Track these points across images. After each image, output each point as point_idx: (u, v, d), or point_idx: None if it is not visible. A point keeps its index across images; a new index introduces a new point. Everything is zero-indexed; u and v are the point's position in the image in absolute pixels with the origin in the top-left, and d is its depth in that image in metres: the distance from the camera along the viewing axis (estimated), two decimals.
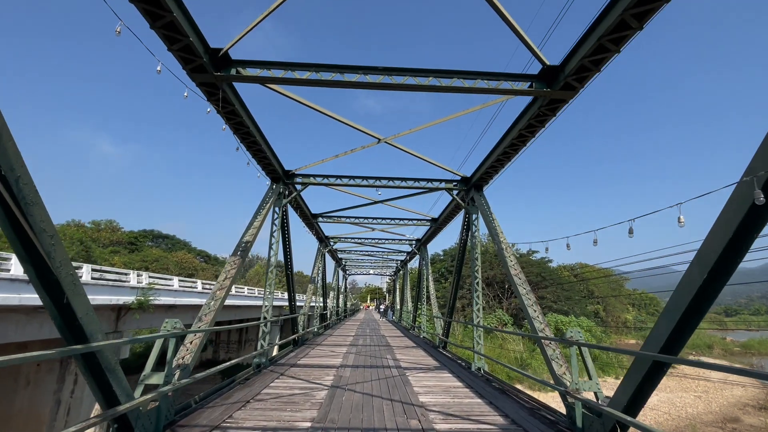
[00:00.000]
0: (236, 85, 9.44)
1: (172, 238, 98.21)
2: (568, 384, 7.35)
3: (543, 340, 8.49)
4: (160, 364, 6.60)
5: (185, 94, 7.40)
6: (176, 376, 7.31)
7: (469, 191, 14.88)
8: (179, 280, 26.51)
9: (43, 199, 4.18)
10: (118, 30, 5.65)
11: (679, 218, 10.09)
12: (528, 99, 9.69)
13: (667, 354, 4.96)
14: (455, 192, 15.76)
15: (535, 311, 9.61)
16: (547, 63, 8.16)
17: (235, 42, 7.71)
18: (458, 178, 15.17)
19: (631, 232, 11.89)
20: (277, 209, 14.74)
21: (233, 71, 8.30)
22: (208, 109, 8.30)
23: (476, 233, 14.84)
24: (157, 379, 6.55)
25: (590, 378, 6.95)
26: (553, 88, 8.40)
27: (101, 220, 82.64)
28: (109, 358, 5.20)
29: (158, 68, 7.87)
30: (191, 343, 8.16)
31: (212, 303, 9.26)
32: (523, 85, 8.61)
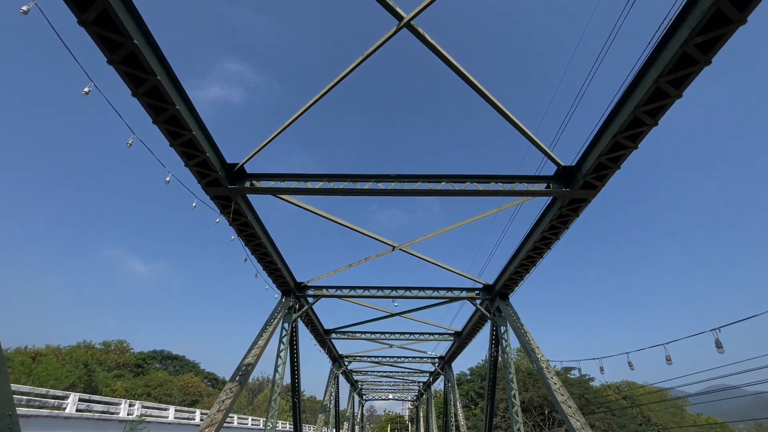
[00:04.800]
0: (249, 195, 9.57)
1: (181, 359, 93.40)
2: None
3: None
4: None
5: (194, 204, 7.34)
6: None
7: (494, 300, 13.69)
8: (175, 410, 23.74)
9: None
10: (130, 143, 5.81)
11: (716, 341, 8.66)
12: (545, 199, 9.38)
13: None
14: (478, 301, 14.55)
15: None
16: (562, 164, 8.01)
17: (251, 157, 7.95)
18: (480, 285, 14.16)
19: (668, 360, 10.19)
20: (286, 325, 13.66)
21: (247, 184, 8.41)
22: (217, 219, 8.17)
23: (507, 349, 13.12)
24: None
25: None
26: (572, 187, 8.10)
27: (112, 341, 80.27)
28: None
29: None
30: None
31: None
32: (540, 186, 8.36)
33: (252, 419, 38.16)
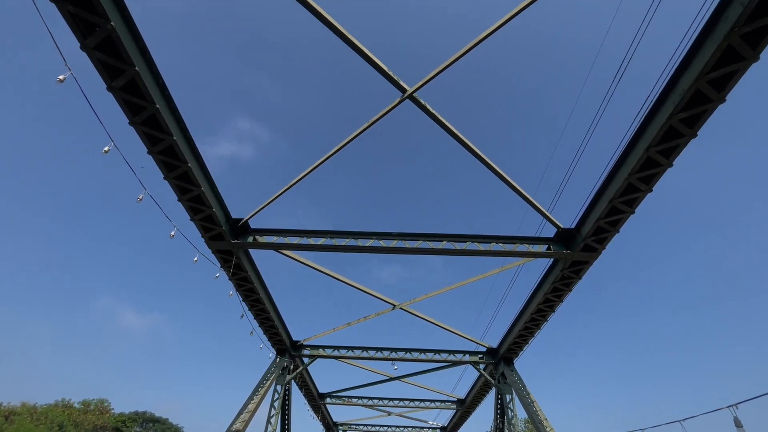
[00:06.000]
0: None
1: (163, 422, 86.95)
2: None
3: None
4: None
5: (195, 258, 7.36)
6: None
7: (498, 365, 13.07)
8: None
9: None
10: (140, 198, 5.99)
11: (735, 420, 8.03)
12: (548, 260, 9.36)
13: None
14: (482, 366, 13.89)
15: None
16: (561, 227, 8.13)
17: (255, 213, 8.13)
18: (484, 349, 13.60)
19: None
20: (278, 388, 12.93)
21: (250, 239, 8.49)
22: (217, 275, 8.14)
23: (514, 419, 12.26)
24: None
25: None
26: (573, 249, 8.13)
27: (92, 400, 75.51)
28: None
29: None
30: None
31: None
32: (541, 248, 8.39)
33: None
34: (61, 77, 4.47)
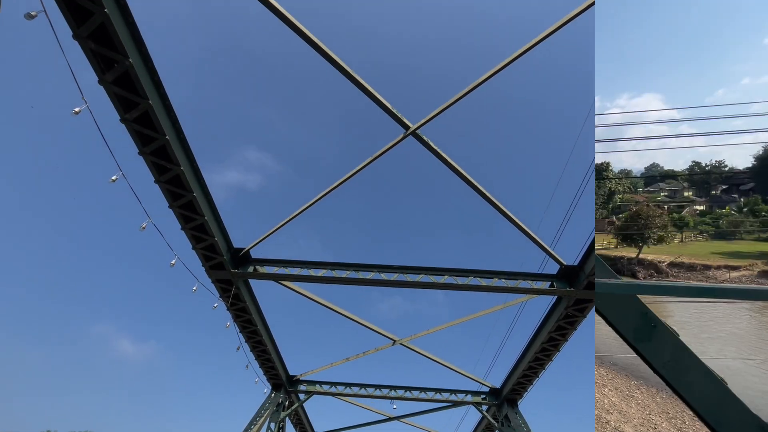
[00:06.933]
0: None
1: None
2: None
3: None
4: None
5: (194, 288, 7.31)
6: None
7: (502, 406, 12.53)
8: None
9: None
10: (143, 226, 6.05)
11: None
12: (550, 298, 9.20)
13: None
14: (485, 407, 13.32)
15: None
16: (564, 263, 8.06)
17: (257, 243, 8.15)
18: (486, 389, 13.10)
19: None
20: (272, 425, 12.39)
21: (250, 269, 8.46)
22: (215, 304, 8.05)
23: None
24: None
25: None
26: (576, 287, 8.01)
27: None
28: None
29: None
30: None
31: None
32: (544, 285, 8.28)
33: None
34: (76, 109, 4.67)
